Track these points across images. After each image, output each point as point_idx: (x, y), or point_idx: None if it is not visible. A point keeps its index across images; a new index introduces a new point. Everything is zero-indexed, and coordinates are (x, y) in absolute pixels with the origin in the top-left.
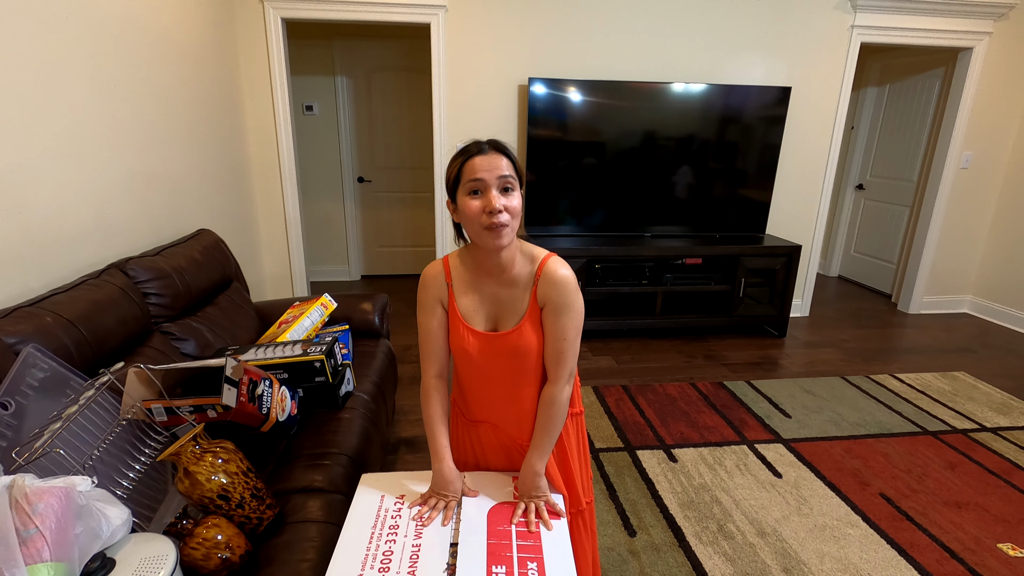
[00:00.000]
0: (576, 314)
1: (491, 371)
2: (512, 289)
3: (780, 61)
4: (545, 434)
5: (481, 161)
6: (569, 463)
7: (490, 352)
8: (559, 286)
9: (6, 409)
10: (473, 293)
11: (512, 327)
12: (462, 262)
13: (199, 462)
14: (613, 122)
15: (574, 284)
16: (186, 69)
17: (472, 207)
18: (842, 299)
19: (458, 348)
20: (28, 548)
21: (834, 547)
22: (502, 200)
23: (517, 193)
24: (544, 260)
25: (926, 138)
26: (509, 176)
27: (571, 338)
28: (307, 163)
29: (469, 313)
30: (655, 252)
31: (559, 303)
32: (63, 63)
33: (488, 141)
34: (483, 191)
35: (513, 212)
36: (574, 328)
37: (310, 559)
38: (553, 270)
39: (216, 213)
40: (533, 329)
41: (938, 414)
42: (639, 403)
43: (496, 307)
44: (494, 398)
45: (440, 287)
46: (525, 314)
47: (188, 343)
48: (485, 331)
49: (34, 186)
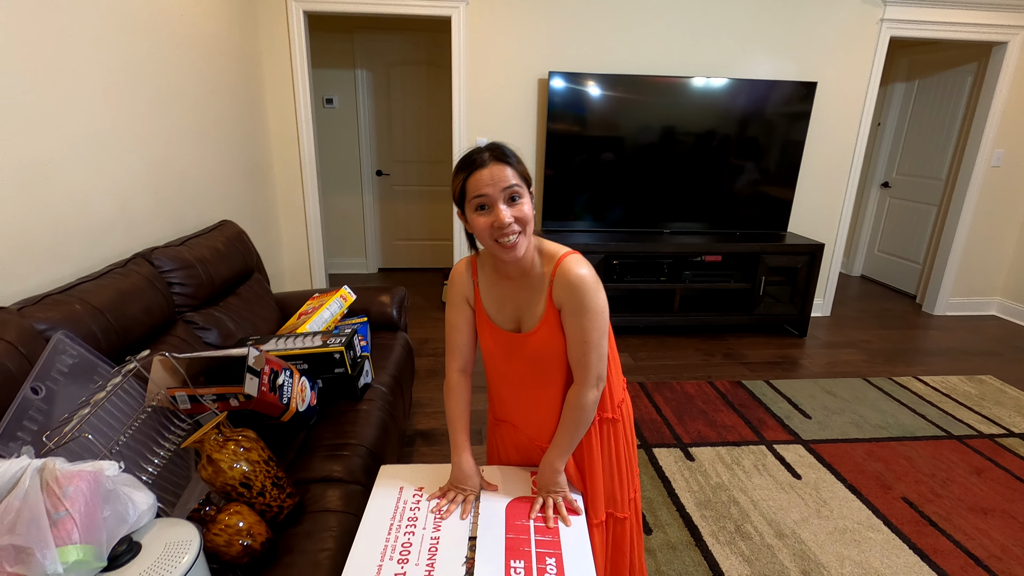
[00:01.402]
0: (595, 315)
1: (512, 372)
2: (531, 290)
3: (805, 56)
4: (566, 434)
5: (484, 175)
6: (594, 469)
7: (510, 353)
8: (574, 287)
9: (37, 394)
10: (497, 292)
11: (531, 329)
12: (486, 262)
13: (222, 450)
14: (633, 117)
15: (592, 283)
16: (209, 63)
17: (481, 223)
18: (865, 299)
19: (484, 347)
20: (58, 530)
21: (854, 551)
22: (510, 212)
23: (526, 199)
24: (560, 260)
25: (956, 135)
26: (516, 185)
27: (593, 340)
28: (326, 156)
29: (494, 312)
30: (674, 249)
31: (575, 304)
32: (87, 58)
33: (488, 148)
34: (490, 206)
35: (523, 221)
36: (596, 329)
37: (329, 548)
38: (567, 270)
39: (237, 205)
40: (551, 332)
41: (964, 418)
42: (656, 400)
43: (518, 308)
44: (515, 399)
45: (466, 284)
46: (543, 316)
47: (211, 332)
48: (508, 331)
49: (60, 178)
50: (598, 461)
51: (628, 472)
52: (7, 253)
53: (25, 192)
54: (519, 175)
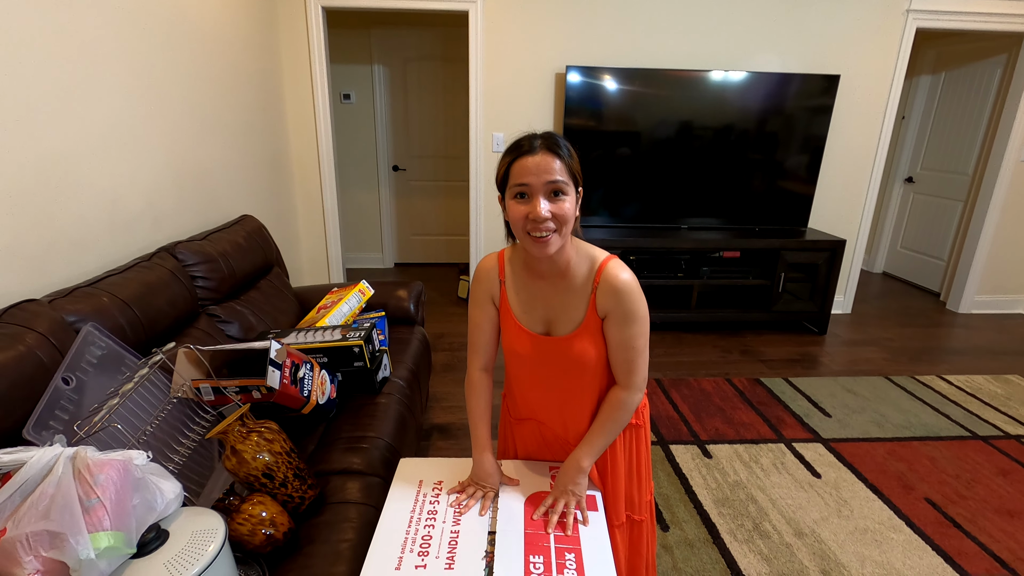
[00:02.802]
0: (643, 321)
1: (542, 374)
2: (567, 294)
3: (828, 48)
4: (601, 433)
5: (530, 163)
6: (616, 473)
7: (542, 356)
8: (622, 294)
9: (68, 384)
10: (526, 292)
11: (568, 333)
12: (516, 258)
13: (245, 441)
14: (650, 111)
15: (638, 289)
16: (229, 58)
17: (517, 212)
18: (887, 296)
19: (508, 347)
20: (90, 517)
21: (876, 551)
22: (549, 207)
23: (570, 196)
24: (603, 264)
25: (984, 129)
26: (561, 181)
27: (640, 347)
28: (343, 151)
29: (521, 313)
30: (692, 244)
31: (624, 312)
32: (109, 55)
33: (542, 136)
34: (530, 196)
35: (562, 219)
36: (642, 335)
37: (349, 539)
38: (614, 276)
39: (257, 200)
40: (591, 339)
41: (989, 418)
42: (672, 397)
43: (549, 310)
44: (544, 401)
45: (492, 282)
46: (582, 322)
47: (233, 325)
48: (539, 333)
49: (85, 173)
50: (621, 465)
51: (646, 475)
52: (37, 246)
53: (52, 187)
54: (568, 170)
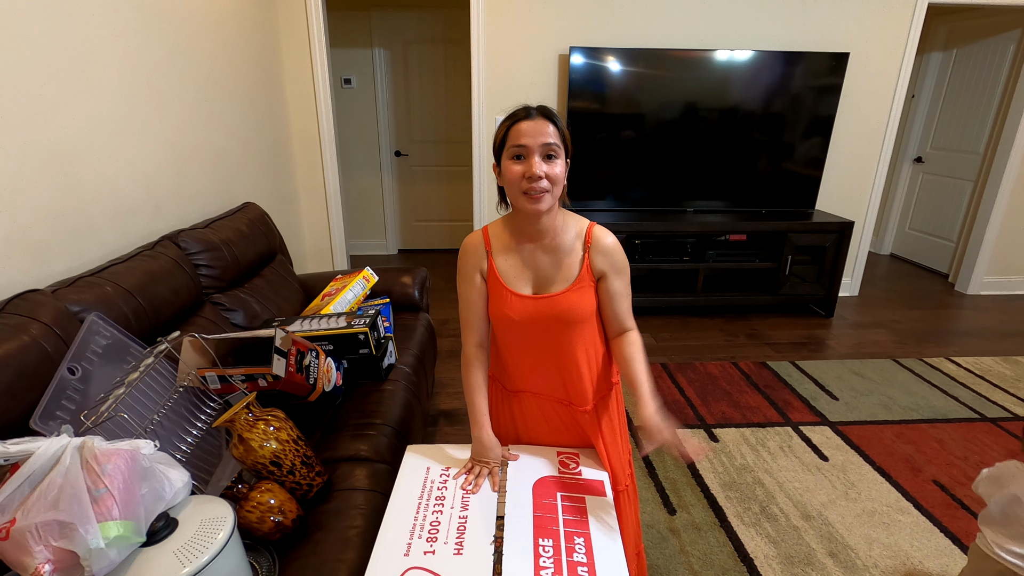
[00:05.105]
0: (628, 272)
1: (535, 336)
2: (556, 254)
3: (837, 25)
4: (647, 376)
5: (527, 126)
6: (614, 437)
7: (536, 316)
8: (612, 253)
9: (73, 374)
10: (515, 258)
11: (561, 290)
12: (505, 228)
13: (252, 429)
14: (655, 92)
15: (620, 247)
16: (228, 44)
17: (514, 171)
18: (895, 278)
19: (499, 314)
20: (99, 506)
21: (883, 533)
22: (543, 167)
23: (561, 161)
24: (590, 229)
25: (995, 107)
26: (553, 143)
27: (629, 292)
28: (345, 137)
29: (511, 278)
30: (697, 228)
31: (616, 268)
32: (106, 42)
33: (537, 107)
34: (526, 156)
35: (554, 179)
36: (628, 284)
37: (358, 525)
38: (602, 238)
39: (259, 187)
40: (584, 294)
41: (998, 400)
42: (679, 381)
43: (539, 271)
44: (538, 364)
45: (479, 255)
46: (576, 280)
47: (237, 313)
48: (531, 296)
49: (85, 163)
50: (616, 427)
51: (624, 441)
52: (39, 235)
53: (54, 177)
54: (560, 137)
